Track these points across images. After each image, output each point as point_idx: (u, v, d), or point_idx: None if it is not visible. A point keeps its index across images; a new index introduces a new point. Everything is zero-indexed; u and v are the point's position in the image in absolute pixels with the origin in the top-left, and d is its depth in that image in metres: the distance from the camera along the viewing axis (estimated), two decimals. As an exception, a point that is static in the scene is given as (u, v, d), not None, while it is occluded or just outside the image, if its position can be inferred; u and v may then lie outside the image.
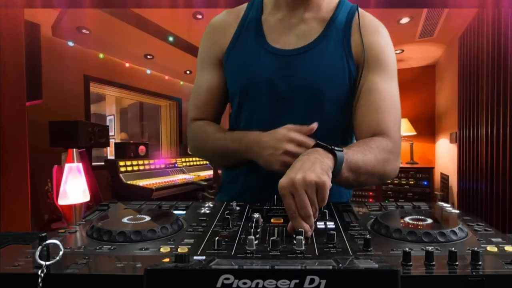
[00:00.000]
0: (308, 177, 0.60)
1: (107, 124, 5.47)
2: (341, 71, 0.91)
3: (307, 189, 0.60)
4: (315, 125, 0.83)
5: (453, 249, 0.45)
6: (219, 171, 2.82)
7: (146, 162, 4.42)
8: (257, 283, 0.39)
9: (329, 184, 0.62)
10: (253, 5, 1.03)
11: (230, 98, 1.04)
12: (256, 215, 0.65)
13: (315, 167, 0.63)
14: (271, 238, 0.54)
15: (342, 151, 0.71)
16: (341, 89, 0.91)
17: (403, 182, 4.48)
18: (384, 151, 0.82)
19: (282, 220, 0.67)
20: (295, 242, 0.53)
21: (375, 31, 0.94)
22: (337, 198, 0.92)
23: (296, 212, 0.60)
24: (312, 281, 0.38)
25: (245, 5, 1.04)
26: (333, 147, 0.70)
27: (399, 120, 0.92)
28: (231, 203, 0.77)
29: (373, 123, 0.87)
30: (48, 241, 0.47)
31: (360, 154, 0.77)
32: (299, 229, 0.56)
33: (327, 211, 0.71)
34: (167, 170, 4.67)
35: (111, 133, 5.11)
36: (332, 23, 0.94)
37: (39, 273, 0.43)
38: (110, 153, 4.78)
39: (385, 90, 0.89)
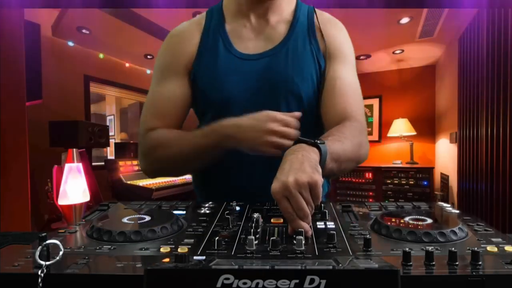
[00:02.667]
0: (300, 179, 0.60)
1: (107, 124, 5.46)
2: (313, 68, 0.96)
3: (301, 190, 0.60)
4: (298, 114, 0.84)
5: (453, 249, 0.45)
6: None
7: (146, 162, 4.39)
8: (257, 283, 0.39)
9: (321, 181, 0.62)
10: (212, 13, 1.02)
11: (201, 110, 1.01)
12: (256, 215, 0.65)
13: (304, 167, 0.63)
14: (271, 238, 0.54)
15: (324, 143, 0.72)
16: (314, 84, 0.96)
17: (403, 182, 4.48)
18: (356, 135, 0.86)
19: (282, 220, 0.67)
20: (295, 242, 0.53)
21: (335, 27, 1.01)
22: None
23: (294, 214, 0.60)
24: (312, 281, 0.38)
25: (203, 15, 1.02)
26: (316, 141, 0.71)
27: (362, 104, 0.98)
28: (231, 203, 0.77)
29: (340, 108, 0.92)
30: (48, 241, 0.47)
31: (339, 143, 0.78)
32: (299, 229, 0.56)
33: (327, 211, 0.71)
34: (167, 170, 4.64)
35: (111, 133, 5.10)
36: (296, 23, 0.98)
37: (39, 273, 0.43)
38: (110, 153, 4.77)
39: (348, 78, 0.96)
